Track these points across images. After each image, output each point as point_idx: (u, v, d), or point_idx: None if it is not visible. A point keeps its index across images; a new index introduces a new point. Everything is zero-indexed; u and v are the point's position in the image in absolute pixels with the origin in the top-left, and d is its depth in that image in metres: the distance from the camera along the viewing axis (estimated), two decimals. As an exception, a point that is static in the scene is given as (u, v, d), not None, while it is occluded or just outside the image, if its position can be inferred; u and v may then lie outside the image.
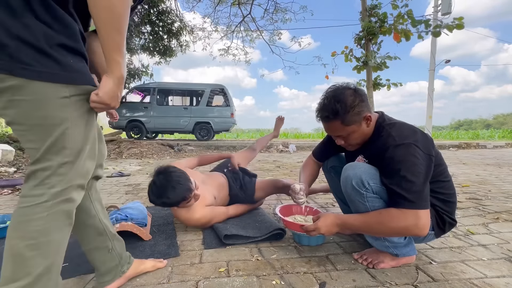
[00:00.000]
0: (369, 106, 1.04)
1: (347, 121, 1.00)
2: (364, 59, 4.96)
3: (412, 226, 0.88)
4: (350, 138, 1.06)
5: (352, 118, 1.00)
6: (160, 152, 5.97)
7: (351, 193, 1.00)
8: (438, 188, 1.02)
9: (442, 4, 7.79)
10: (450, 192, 1.04)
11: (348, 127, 1.02)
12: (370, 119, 1.03)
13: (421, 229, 0.89)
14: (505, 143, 9.22)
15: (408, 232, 0.92)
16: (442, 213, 1.02)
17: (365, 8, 5.16)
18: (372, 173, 0.98)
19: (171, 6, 7.58)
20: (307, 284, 0.91)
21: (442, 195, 1.02)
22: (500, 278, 0.95)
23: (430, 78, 10.07)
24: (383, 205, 0.97)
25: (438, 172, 1.01)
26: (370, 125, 1.05)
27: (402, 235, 0.97)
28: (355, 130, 1.03)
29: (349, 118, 1.00)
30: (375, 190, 0.96)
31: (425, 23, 4.38)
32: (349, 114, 0.99)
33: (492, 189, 2.44)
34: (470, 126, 46.84)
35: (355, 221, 0.98)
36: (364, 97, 1.03)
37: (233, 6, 9.13)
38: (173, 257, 1.11)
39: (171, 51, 7.73)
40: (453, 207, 1.05)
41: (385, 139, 0.98)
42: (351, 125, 1.02)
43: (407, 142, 0.93)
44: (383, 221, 0.91)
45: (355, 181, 0.97)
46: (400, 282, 0.92)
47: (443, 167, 1.04)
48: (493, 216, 1.64)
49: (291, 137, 17.35)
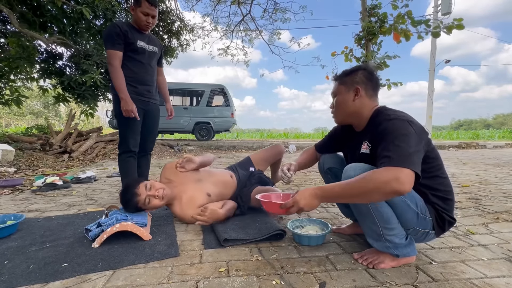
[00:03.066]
0: (373, 89, 1.11)
1: (342, 80, 1.14)
2: (364, 59, 4.96)
3: (393, 179, 0.81)
4: (336, 100, 1.16)
5: (347, 80, 1.12)
6: (160, 152, 5.97)
7: None
8: (437, 185, 1.02)
9: (442, 4, 7.79)
10: (448, 189, 1.04)
11: (340, 86, 1.14)
12: (359, 93, 1.09)
13: (401, 183, 0.81)
14: (505, 143, 9.22)
15: (388, 188, 0.82)
16: (442, 211, 1.02)
17: (365, 8, 5.16)
18: None
19: (171, 6, 7.58)
20: (307, 284, 0.91)
21: (441, 192, 1.02)
22: (500, 278, 0.95)
23: (430, 78, 10.08)
24: (387, 207, 0.95)
25: (435, 167, 1.01)
26: (358, 101, 1.10)
27: (382, 195, 0.86)
28: (342, 92, 1.13)
29: (345, 78, 1.13)
30: None
31: (425, 23, 4.38)
32: (347, 76, 1.13)
33: (492, 189, 2.44)
34: (470, 126, 46.81)
35: (336, 187, 0.93)
36: (369, 78, 1.10)
37: (232, 4, 9.13)
38: (173, 257, 1.11)
39: (171, 51, 7.73)
40: (452, 205, 1.05)
41: (382, 117, 1.02)
42: (342, 85, 1.13)
43: (401, 118, 0.96)
44: (365, 180, 0.86)
45: None
46: (400, 282, 0.92)
47: (440, 162, 1.04)
48: (493, 216, 1.64)
49: (291, 137, 17.34)
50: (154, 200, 1.41)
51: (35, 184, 2.49)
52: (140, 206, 1.39)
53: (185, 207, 1.47)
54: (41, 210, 1.84)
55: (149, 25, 1.83)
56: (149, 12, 1.78)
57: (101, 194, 2.31)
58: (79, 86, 5.22)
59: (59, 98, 5.71)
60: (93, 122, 21.60)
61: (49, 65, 5.64)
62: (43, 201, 2.07)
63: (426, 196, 1.01)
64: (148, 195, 1.39)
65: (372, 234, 1.03)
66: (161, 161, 4.81)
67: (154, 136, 2.12)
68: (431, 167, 0.99)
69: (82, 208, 1.87)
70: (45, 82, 5.88)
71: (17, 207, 1.91)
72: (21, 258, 1.09)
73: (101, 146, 5.47)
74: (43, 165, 3.90)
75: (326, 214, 1.73)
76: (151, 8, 1.78)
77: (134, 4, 1.79)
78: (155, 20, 1.85)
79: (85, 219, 1.60)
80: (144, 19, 1.79)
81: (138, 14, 1.78)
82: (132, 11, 1.82)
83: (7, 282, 0.92)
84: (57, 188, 2.47)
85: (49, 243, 1.25)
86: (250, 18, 9.40)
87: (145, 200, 1.38)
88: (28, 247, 1.20)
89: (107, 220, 1.29)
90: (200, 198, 1.51)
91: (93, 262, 1.05)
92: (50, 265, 1.03)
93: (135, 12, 1.79)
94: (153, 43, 1.94)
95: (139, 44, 1.83)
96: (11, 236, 1.34)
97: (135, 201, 1.37)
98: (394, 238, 0.99)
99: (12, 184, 2.57)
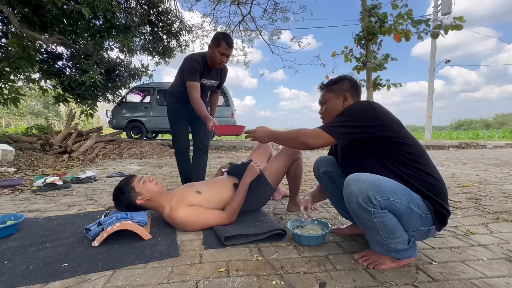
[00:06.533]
0: (357, 96, 1.24)
1: (330, 88, 1.25)
2: (363, 59, 4.97)
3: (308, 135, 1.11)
4: (326, 107, 1.25)
5: (335, 88, 1.24)
6: (160, 152, 5.97)
7: (357, 210, 0.95)
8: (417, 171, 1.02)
9: (442, 4, 7.79)
10: (433, 175, 1.03)
11: (329, 93, 1.25)
12: (347, 99, 1.21)
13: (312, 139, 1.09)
14: (505, 143, 9.22)
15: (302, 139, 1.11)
16: (439, 205, 1.00)
17: (365, 8, 5.16)
18: (377, 185, 0.92)
19: (171, 7, 7.58)
20: (307, 284, 0.91)
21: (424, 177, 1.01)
22: (500, 278, 0.95)
23: (430, 78, 10.08)
24: (392, 219, 0.94)
25: (411, 153, 1.03)
26: (345, 106, 1.20)
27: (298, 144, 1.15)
28: (332, 99, 1.23)
29: (333, 87, 1.24)
30: (383, 204, 0.92)
31: (425, 23, 4.39)
32: (335, 84, 1.24)
33: (492, 189, 2.44)
34: (470, 126, 46.75)
35: (281, 133, 1.25)
36: (354, 85, 1.24)
37: (232, 4, 9.13)
38: (173, 257, 1.11)
39: (170, 51, 7.72)
40: (442, 194, 1.03)
41: None
42: (331, 93, 1.24)
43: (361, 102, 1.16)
44: (297, 130, 1.16)
45: (361, 198, 0.92)
46: (400, 282, 0.92)
47: (418, 150, 1.06)
48: (493, 216, 1.64)
49: (291, 137, 17.28)
50: (148, 183, 1.42)
51: (35, 184, 2.49)
52: (134, 186, 1.40)
53: (175, 206, 1.39)
54: (41, 210, 1.84)
55: (222, 63, 2.01)
56: (225, 53, 1.94)
57: (101, 194, 2.31)
58: (79, 86, 5.22)
59: (59, 98, 5.71)
60: (93, 122, 21.61)
61: (49, 65, 5.65)
62: (43, 201, 2.07)
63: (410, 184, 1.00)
64: (140, 179, 1.44)
65: (376, 242, 1.01)
66: (161, 161, 4.81)
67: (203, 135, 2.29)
68: (406, 152, 1.03)
69: (82, 208, 1.87)
70: (45, 82, 5.89)
71: (17, 207, 1.91)
72: (21, 258, 1.09)
73: (101, 146, 5.47)
74: (43, 165, 3.90)
75: (326, 214, 1.73)
76: (228, 49, 1.95)
77: (213, 43, 1.94)
78: (228, 59, 2.05)
79: (85, 219, 1.60)
80: (219, 58, 1.96)
81: (215, 53, 1.94)
82: (209, 48, 1.98)
83: (7, 282, 0.92)
84: (57, 188, 2.47)
85: (49, 243, 1.25)
86: (250, 18, 9.40)
87: (140, 180, 1.42)
88: (28, 247, 1.20)
89: (107, 219, 1.29)
90: (190, 196, 1.44)
91: (93, 262, 1.05)
92: (50, 265, 1.03)
93: (213, 50, 1.95)
94: (215, 78, 2.19)
95: (202, 82, 2.09)
96: (11, 236, 1.34)
97: (131, 181, 1.41)
98: (397, 245, 0.98)
99: (12, 184, 2.57)
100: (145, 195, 1.40)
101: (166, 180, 3.00)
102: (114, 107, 8.28)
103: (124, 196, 1.39)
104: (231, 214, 1.43)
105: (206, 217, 1.39)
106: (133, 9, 6.23)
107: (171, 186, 2.60)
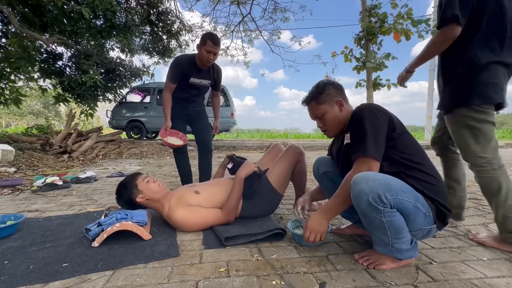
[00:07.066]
0: (344, 96, 1.22)
1: (320, 100, 1.19)
2: (363, 59, 4.96)
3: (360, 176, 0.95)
4: (325, 119, 1.20)
5: (324, 98, 1.18)
6: (160, 152, 5.97)
7: (366, 209, 0.93)
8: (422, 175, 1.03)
9: (442, 4, 7.77)
10: (439, 179, 1.06)
11: (321, 105, 1.19)
12: (342, 104, 1.18)
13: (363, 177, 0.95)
14: (505, 143, 9.21)
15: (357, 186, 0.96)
16: (439, 205, 1.01)
17: (365, 8, 5.16)
18: (386, 183, 0.92)
19: (171, 7, 7.58)
20: (307, 284, 0.91)
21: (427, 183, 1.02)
22: (500, 278, 0.95)
23: (430, 78, 10.08)
24: (400, 218, 0.93)
25: (410, 154, 1.05)
26: (343, 110, 1.19)
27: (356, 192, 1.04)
28: (328, 110, 1.18)
29: (321, 97, 1.18)
30: (393, 203, 0.91)
31: (425, 22, 4.39)
32: (322, 95, 1.19)
33: (492, 189, 2.44)
34: (470, 126, 46.65)
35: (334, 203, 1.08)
36: (339, 88, 1.21)
37: (232, 4, 9.12)
38: (173, 257, 1.11)
39: (169, 51, 7.73)
40: (440, 192, 1.04)
41: (354, 110, 1.16)
42: (323, 104, 1.18)
43: (362, 106, 1.11)
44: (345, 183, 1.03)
45: (371, 197, 0.90)
46: (400, 282, 0.92)
47: (417, 150, 1.09)
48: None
49: (291, 137, 17.32)
50: (151, 183, 1.45)
51: (35, 184, 2.49)
52: (137, 184, 1.43)
53: (174, 207, 1.39)
54: (41, 210, 1.84)
55: (210, 61, 2.07)
56: (211, 50, 2.00)
57: (101, 194, 2.31)
58: (79, 86, 5.22)
59: (59, 98, 5.71)
60: (93, 122, 21.61)
61: (49, 65, 5.65)
62: (43, 201, 2.07)
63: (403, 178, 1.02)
64: (145, 178, 1.48)
65: (380, 243, 1.01)
66: (161, 161, 4.81)
67: (204, 134, 2.33)
68: (406, 153, 1.05)
69: (82, 208, 1.87)
70: (45, 82, 5.89)
71: (17, 207, 1.91)
72: (21, 258, 1.09)
73: (101, 146, 5.47)
74: (43, 165, 3.90)
75: (326, 214, 1.73)
76: (214, 47, 2.01)
77: (201, 43, 2.02)
78: (216, 57, 2.10)
79: (85, 219, 1.60)
80: (206, 56, 2.02)
81: (202, 52, 2.02)
82: (197, 48, 2.06)
83: (7, 282, 0.92)
84: (57, 188, 2.47)
85: (49, 243, 1.25)
86: (250, 18, 9.40)
87: (144, 179, 1.46)
88: (28, 247, 1.20)
89: (107, 219, 1.29)
90: (188, 196, 1.44)
91: (93, 262, 1.05)
92: (50, 265, 1.03)
93: (200, 50, 2.03)
94: (206, 77, 2.23)
95: (191, 81, 2.16)
96: (11, 236, 1.34)
97: (135, 178, 1.45)
98: (401, 245, 0.97)
99: (12, 184, 2.57)
100: (146, 194, 1.42)
101: (166, 180, 3.00)
102: (114, 107, 8.29)
103: (126, 192, 1.42)
104: (228, 212, 1.41)
105: (203, 216, 1.38)
106: (133, 9, 6.23)
107: (171, 186, 2.60)
